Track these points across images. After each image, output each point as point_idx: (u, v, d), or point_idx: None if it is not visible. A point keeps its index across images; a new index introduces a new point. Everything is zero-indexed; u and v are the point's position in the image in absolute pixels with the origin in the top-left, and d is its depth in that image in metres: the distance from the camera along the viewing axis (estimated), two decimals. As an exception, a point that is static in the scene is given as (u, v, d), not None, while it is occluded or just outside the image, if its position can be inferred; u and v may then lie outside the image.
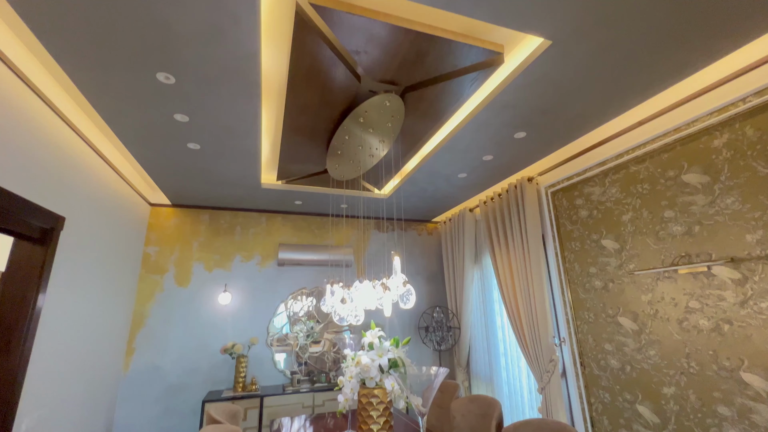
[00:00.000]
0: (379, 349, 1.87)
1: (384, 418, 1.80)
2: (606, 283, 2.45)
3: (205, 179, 3.15)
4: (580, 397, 2.59)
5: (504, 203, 3.31)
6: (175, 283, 3.65)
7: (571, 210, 2.79)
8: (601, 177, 2.55)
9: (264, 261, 4.01)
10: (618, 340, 2.35)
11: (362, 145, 2.54)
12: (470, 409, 2.27)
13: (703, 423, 1.86)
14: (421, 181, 3.35)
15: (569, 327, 2.71)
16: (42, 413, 2.10)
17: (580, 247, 2.68)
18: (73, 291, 2.39)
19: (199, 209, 3.93)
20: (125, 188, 3.15)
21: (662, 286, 2.10)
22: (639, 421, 2.19)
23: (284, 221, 4.20)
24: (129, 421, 3.23)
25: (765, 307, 1.66)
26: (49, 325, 2.14)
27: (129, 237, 3.27)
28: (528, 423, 1.81)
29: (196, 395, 3.44)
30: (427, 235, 4.79)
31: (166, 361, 3.44)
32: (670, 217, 2.08)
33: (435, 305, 4.39)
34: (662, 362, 2.08)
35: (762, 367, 1.66)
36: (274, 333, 3.83)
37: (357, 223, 4.49)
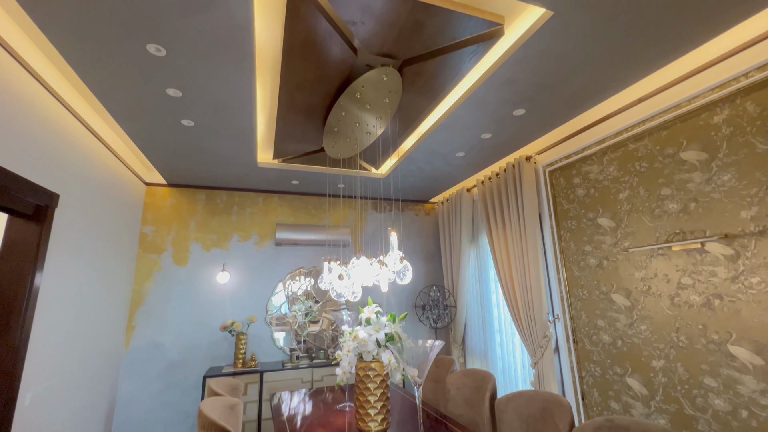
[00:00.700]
0: (376, 324, 1.90)
1: (381, 390, 1.85)
2: (600, 261, 2.48)
3: (200, 158, 3.11)
4: (572, 371, 2.67)
5: (502, 182, 3.31)
6: (173, 262, 3.67)
7: (569, 189, 2.78)
8: (599, 155, 2.54)
9: (262, 241, 4.01)
10: (610, 316, 2.39)
11: (359, 122, 2.50)
12: (465, 383, 2.33)
13: (689, 394, 1.93)
14: (419, 160, 3.32)
15: (563, 304, 2.76)
16: (45, 386, 2.14)
17: (576, 226, 2.70)
18: (70, 269, 2.40)
19: (195, 189, 3.90)
20: (120, 167, 3.11)
21: (656, 263, 2.13)
22: (628, 393, 2.26)
23: (281, 201, 4.19)
24: (132, 395, 3.30)
25: (755, 282, 1.68)
26: (47, 303, 2.16)
27: (125, 216, 3.25)
28: (521, 394, 1.87)
29: (197, 371, 3.51)
30: (424, 215, 4.80)
31: (166, 339, 3.49)
32: (667, 194, 2.09)
33: (432, 284, 4.45)
34: (653, 337, 2.13)
35: (749, 340, 1.70)
36: (273, 311, 3.88)
37: (354, 204, 4.48)
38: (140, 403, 3.31)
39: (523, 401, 1.83)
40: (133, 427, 3.25)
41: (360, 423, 1.80)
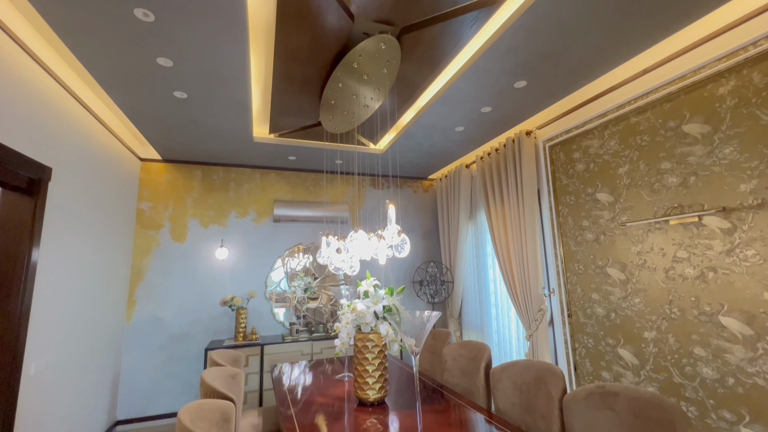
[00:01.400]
0: (374, 297, 1.92)
1: (379, 360, 1.89)
2: (597, 236, 2.49)
3: (194, 132, 3.05)
4: (565, 343, 2.73)
5: (501, 158, 3.27)
6: (171, 238, 3.67)
7: (568, 164, 2.76)
8: (600, 129, 2.50)
9: (259, 217, 4.00)
10: (605, 289, 2.43)
11: (356, 94, 2.44)
12: (461, 354, 2.38)
13: (678, 363, 1.98)
14: (418, 135, 3.27)
15: (559, 278, 2.79)
16: (49, 358, 2.18)
17: (574, 201, 2.69)
18: (67, 244, 2.39)
19: (190, 165, 3.85)
20: (113, 142, 3.05)
21: (652, 237, 2.14)
22: (619, 363, 2.32)
23: (278, 177, 4.15)
24: (136, 367, 3.38)
25: (750, 254, 1.70)
26: (46, 278, 2.16)
27: (121, 192, 3.22)
28: (515, 363, 1.91)
29: (199, 344, 3.58)
30: (422, 192, 4.78)
31: (167, 313, 3.53)
32: (667, 168, 2.07)
33: (429, 260, 4.49)
34: (646, 309, 2.16)
35: (740, 311, 1.73)
36: (272, 287, 3.92)
37: (352, 180, 4.45)
38: (144, 375, 3.39)
39: (518, 370, 1.88)
40: (139, 397, 3.35)
41: (359, 391, 1.85)
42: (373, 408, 1.79)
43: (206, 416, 1.41)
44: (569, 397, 1.51)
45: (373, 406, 1.81)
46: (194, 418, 1.33)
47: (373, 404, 1.82)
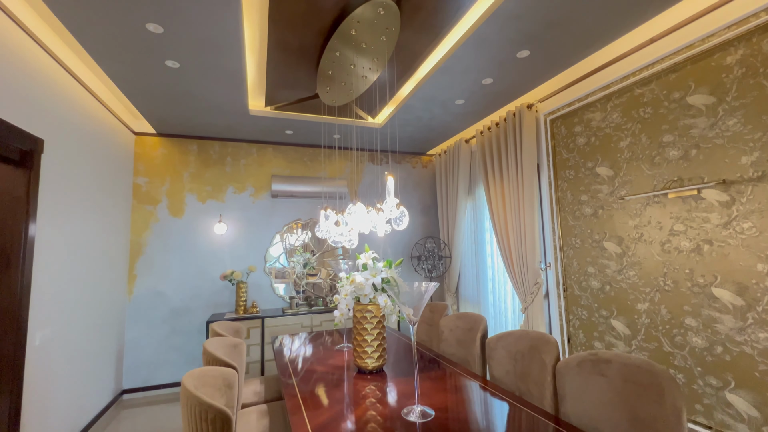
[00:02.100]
0: (372, 270, 1.94)
1: (377, 330, 1.93)
2: (596, 210, 2.50)
3: (188, 104, 2.98)
4: (560, 315, 2.79)
5: (501, 132, 3.23)
6: (169, 213, 3.66)
7: (569, 138, 2.73)
8: (603, 102, 2.46)
9: (257, 192, 3.98)
10: (601, 263, 2.46)
11: (354, 64, 2.37)
12: (458, 325, 2.44)
13: (669, 333, 2.03)
14: (417, 108, 3.21)
15: (556, 252, 2.82)
16: (53, 329, 2.22)
17: (574, 176, 2.68)
18: (64, 218, 2.38)
19: (186, 139, 3.79)
20: (106, 115, 2.98)
21: (650, 211, 2.15)
22: (612, 333, 2.38)
23: (275, 152, 4.10)
24: (139, 339, 3.45)
25: (747, 227, 1.71)
26: (45, 251, 2.17)
27: (116, 166, 3.18)
28: (510, 333, 1.96)
29: (200, 317, 3.64)
30: (421, 167, 4.74)
31: (168, 287, 3.57)
32: (669, 141, 2.05)
33: (427, 236, 4.51)
34: (640, 282, 2.20)
35: (733, 283, 1.76)
36: (271, 262, 3.95)
37: (350, 155, 4.40)
38: (148, 347, 3.47)
39: (513, 340, 1.92)
40: (144, 368, 3.44)
41: (358, 360, 1.90)
42: (372, 376, 1.84)
43: (209, 382, 1.45)
44: (562, 364, 1.55)
45: (372, 374, 1.86)
46: (198, 384, 1.36)
47: (372, 372, 1.87)
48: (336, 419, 1.34)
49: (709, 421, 1.85)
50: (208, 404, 1.17)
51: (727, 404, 1.78)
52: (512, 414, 1.38)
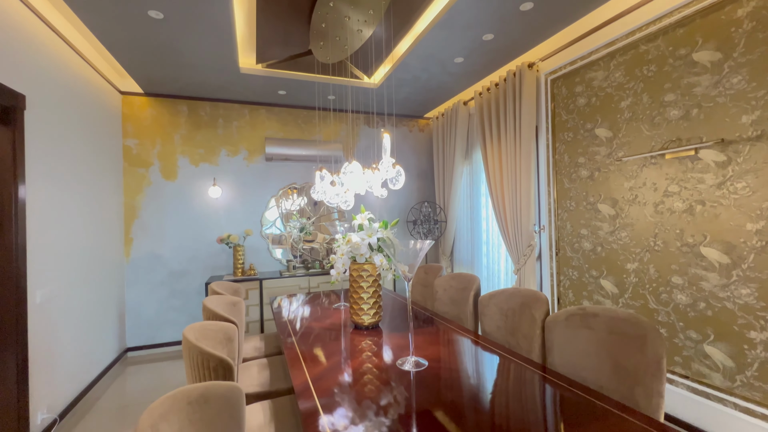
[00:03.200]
0: (368, 230, 1.95)
1: (373, 288, 1.98)
2: (592, 173, 2.49)
3: (176, 61, 2.85)
4: (551, 276, 2.87)
5: (500, 93, 3.15)
6: (161, 176, 3.60)
7: (569, 98, 2.67)
8: (606, 60, 2.38)
9: (251, 156, 3.91)
10: (594, 225, 2.49)
11: (348, 15, 2.25)
12: (451, 285, 2.50)
13: (655, 291, 2.10)
14: (414, 67, 3.09)
15: (550, 215, 2.84)
16: (52, 288, 2.25)
17: (572, 138, 2.65)
18: (54, 180, 2.34)
19: (175, 99, 3.66)
20: (90, 73, 2.85)
21: (646, 172, 2.15)
22: (600, 292, 2.46)
23: (269, 114, 3.98)
24: (140, 300, 3.52)
25: (740, 187, 1.72)
26: (37, 214, 2.14)
27: (103, 127, 3.09)
28: (502, 291, 2.01)
29: (199, 279, 3.70)
30: (418, 131, 4.66)
31: (165, 250, 3.60)
32: (671, 100, 2.01)
33: (423, 200, 4.52)
34: (631, 242, 2.24)
35: (721, 242, 1.80)
36: (267, 225, 3.96)
37: (345, 118, 4.30)
38: (148, 307, 3.55)
39: (504, 297, 1.98)
40: (145, 327, 3.54)
41: (354, 317, 1.96)
42: (368, 331, 1.90)
43: (210, 335, 1.49)
44: (551, 318, 1.61)
45: (368, 329, 1.93)
46: (199, 337, 1.41)
47: (368, 328, 1.94)
48: (334, 369, 1.40)
49: (686, 371, 1.96)
50: (209, 353, 1.21)
51: (704, 356, 1.87)
52: (502, 364, 1.45)
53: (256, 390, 1.71)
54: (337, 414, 1.06)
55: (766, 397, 1.66)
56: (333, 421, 1.01)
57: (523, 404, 1.14)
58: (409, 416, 1.04)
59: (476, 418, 1.04)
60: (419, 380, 1.28)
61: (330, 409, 1.08)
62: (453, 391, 1.21)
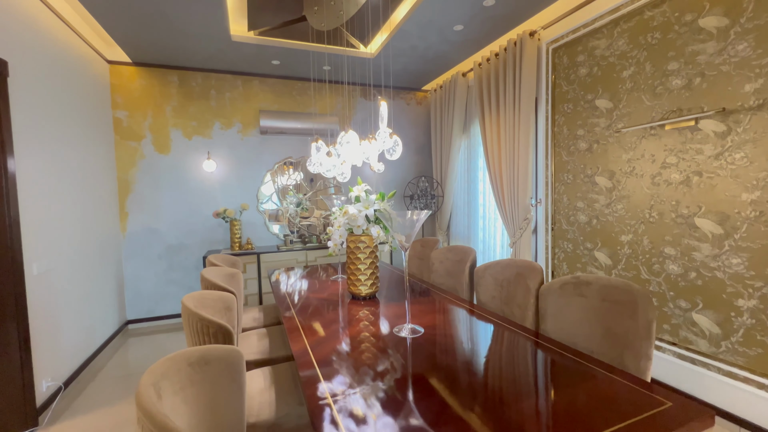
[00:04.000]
0: (365, 202, 1.94)
1: (371, 260, 1.99)
2: (591, 145, 2.47)
3: (163, 27, 2.73)
4: (546, 249, 2.90)
5: (500, 64, 3.07)
6: (154, 149, 3.54)
7: (571, 68, 2.61)
8: (610, 27, 2.31)
9: (245, 129, 3.84)
10: (590, 197, 2.50)
11: (344, -22, 2.15)
12: (448, 257, 2.52)
13: (648, 262, 2.14)
14: (412, 35, 2.99)
15: (547, 189, 2.84)
16: (49, 259, 2.25)
17: (572, 109, 2.61)
18: (42, 151, 2.28)
19: (165, 69, 3.54)
20: (75, 40, 2.73)
21: (645, 144, 2.13)
22: (594, 264, 2.50)
23: (262, 85, 3.88)
24: (138, 274, 3.54)
25: (738, 157, 1.72)
26: (29, 186, 2.11)
27: (91, 97, 2.99)
28: (498, 262, 2.04)
29: (196, 254, 3.71)
30: (416, 104, 4.57)
31: (161, 224, 3.58)
32: (674, 69, 1.97)
33: (420, 175, 4.49)
34: (627, 214, 2.26)
35: (716, 213, 1.81)
36: (264, 200, 3.94)
37: (341, 90, 4.19)
38: (147, 281, 3.57)
39: (500, 268, 2.01)
40: (145, 300, 3.57)
41: (351, 287, 1.98)
42: (366, 301, 1.93)
43: (209, 304, 1.51)
44: (545, 287, 1.64)
45: (366, 300, 1.96)
46: (197, 305, 1.42)
47: (365, 298, 1.96)
48: (332, 336, 1.43)
49: (673, 338, 2.02)
50: (209, 320, 1.23)
51: (692, 323, 1.93)
52: (496, 330, 1.48)
53: (256, 357, 1.76)
54: (336, 378, 1.09)
55: (748, 361, 1.72)
56: (332, 385, 1.04)
57: (515, 367, 1.18)
58: (405, 379, 1.07)
59: (470, 380, 1.07)
60: (415, 346, 1.31)
61: (328, 373, 1.11)
62: (448, 355, 1.25)
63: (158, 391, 0.72)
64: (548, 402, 0.95)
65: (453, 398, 0.95)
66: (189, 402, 0.84)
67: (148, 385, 0.71)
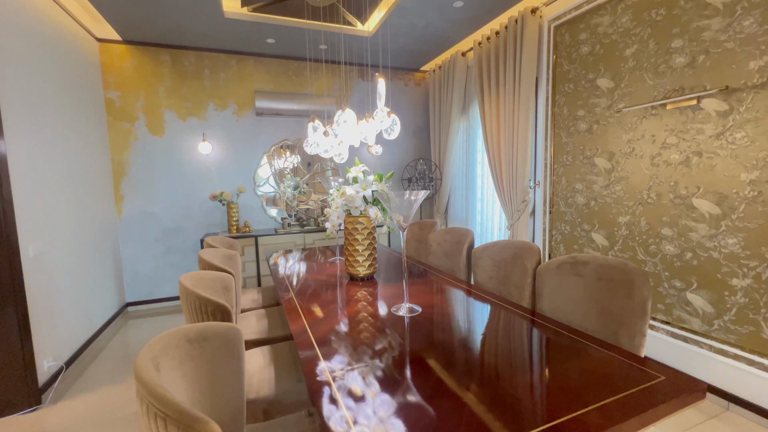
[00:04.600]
0: (363, 182, 1.92)
1: (368, 241, 1.99)
2: (591, 125, 2.45)
3: (153, 2, 2.64)
4: (543, 232, 2.91)
5: (501, 43, 3.00)
6: (148, 131, 3.48)
7: (572, 47, 2.55)
8: (614, 3, 2.25)
9: (241, 110, 3.77)
10: (589, 179, 2.49)
11: (340, -51, 2.06)
12: (445, 239, 2.53)
13: (645, 243, 2.15)
14: (411, 12, 2.91)
15: (546, 170, 2.83)
16: (45, 241, 2.23)
17: (573, 89, 2.57)
18: (33, 132, 2.24)
19: (157, 48, 3.44)
20: (62, 16, 2.63)
21: (646, 124, 2.11)
22: (591, 245, 2.51)
23: (257, 65, 3.79)
24: (136, 257, 3.54)
25: (739, 137, 1.70)
26: (21, 168, 2.07)
27: (82, 77, 2.92)
28: (495, 243, 2.04)
29: (194, 237, 3.70)
30: (414, 85, 4.49)
31: (157, 208, 3.56)
32: (677, 47, 1.93)
33: (419, 158, 4.46)
34: (625, 196, 2.25)
35: (714, 193, 1.81)
36: (260, 183, 3.91)
37: (338, 70, 4.10)
38: (145, 263, 3.57)
39: (497, 249, 2.01)
40: (144, 283, 3.58)
41: (350, 269, 1.99)
42: (364, 282, 1.94)
43: (207, 284, 1.51)
44: (542, 267, 1.65)
45: (364, 281, 1.96)
46: (195, 284, 1.42)
47: (363, 279, 1.97)
48: (330, 315, 1.44)
49: (667, 317, 2.05)
50: (207, 298, 1.23)
51: (686, 303, 1.96)
52: (493, 309, 1.49)
53: (255, 337, 1.77)
54: (334, 355, 1.10)
55: (739, 339, 1.76)
56: (330, 364, 1.05)
57: (511, 344, 1.19)
58: (404, 357, 1.09)
59: (467, 356, 1.08)
60: (413, 325, 1.32)
61: (327, 351, 1.12)
62: (445, 333, 1.26)
63: (157, 365, 0.73)
64: (543, 377, 0.96)
65: (450, 374, 0.97)
66: (188, 377, 0.84)
67: (146, 359, 0.71)
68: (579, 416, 0.78)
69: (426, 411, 0.80)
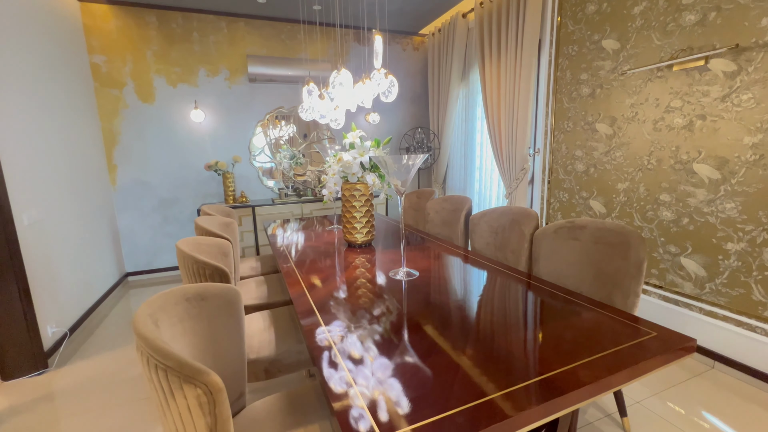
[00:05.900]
0: (360, 148, 1.89)
1: (366, 208, 1.98)
2: (594, 90, 2.38)
3: (135, -44, 2.47)
4: (542, 199, 2.90)
5: (504, 2, 2.86)
6: (138, 98, 3.37)
7: (578, 6, 2.44)
8: (624, -44, 2.12)
9: (233, 76, 3.64)
10: (590, 145, 2.45)
11: None
12: (443, 207, 2.52)
13: (642, 209, 2.15)
14: (409, -33, 2.74)
15: (546, 137, 2.78)
16: (39, 210, 2.21)
17: (576, 52, 2.48)
18: (19, 100, 2.16)
19: (141, 8, 3.26)
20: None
21: (650, 87, 2.05)
22: (588, 212, 2.51)
23: (248, 27, 3.62)
24: (133, 227, 3.53)
25: (745, 99, 1.66)
26: (7, 135, 2.01)
27: (63, 40, 2.78)
28: (493, 210, 2.04)
29: (190, 207, 3.68)
30: (413, 50, 4.32)
31: (152, 177, 3.51)
32: (688, 3, 1.84)
33: (417, 126, 4.37)
34: (625, 162, 2.23)
35: (715, 157, 1.79)
36: (256, 152, 3.84)
37: (333, 34, 3.93)
38: (143, 234, 3.57)
39: (495, 216, 2.01)
40: (142, 253, 3.60)
41: (347, 236, 1.99)
42: (362, 249, 1.95)
43: (204, 249, 1.51)
44: (540, 232, 1.65)
45: (362, 247, 1.97)
46: (192, 250, 1.42)
47: (361, 246, 1.98)
48: (329, 280, 1.45)
49: (660, 282, 2.09)
50: (204, 261, 1.23)
51: (680, 267, 1.98)
52: (489, 274, 1.51)
53: (255, 302, 1.79)
54: (334, 320, 1.11)
55: (729, 301, 1.80)
56: (330, 327, 1.06)
57: (506, 305, 1.21)
58: (401, 319, 1.10)
59: (463, 317, 1.10)
60: (410, 288, 1.34)
61: (327, 316, 1.14)
62: (442, 296, 1.27)
63: (155, 321, 0.73)
64: (537, 335, 0.98)
65: (446, 335, 0.98)
66: (188, 334, 0.85)
67: (144, 315, 0.71)
68: (571, 369, 0.80)
69: (423, 370, 0.82)
